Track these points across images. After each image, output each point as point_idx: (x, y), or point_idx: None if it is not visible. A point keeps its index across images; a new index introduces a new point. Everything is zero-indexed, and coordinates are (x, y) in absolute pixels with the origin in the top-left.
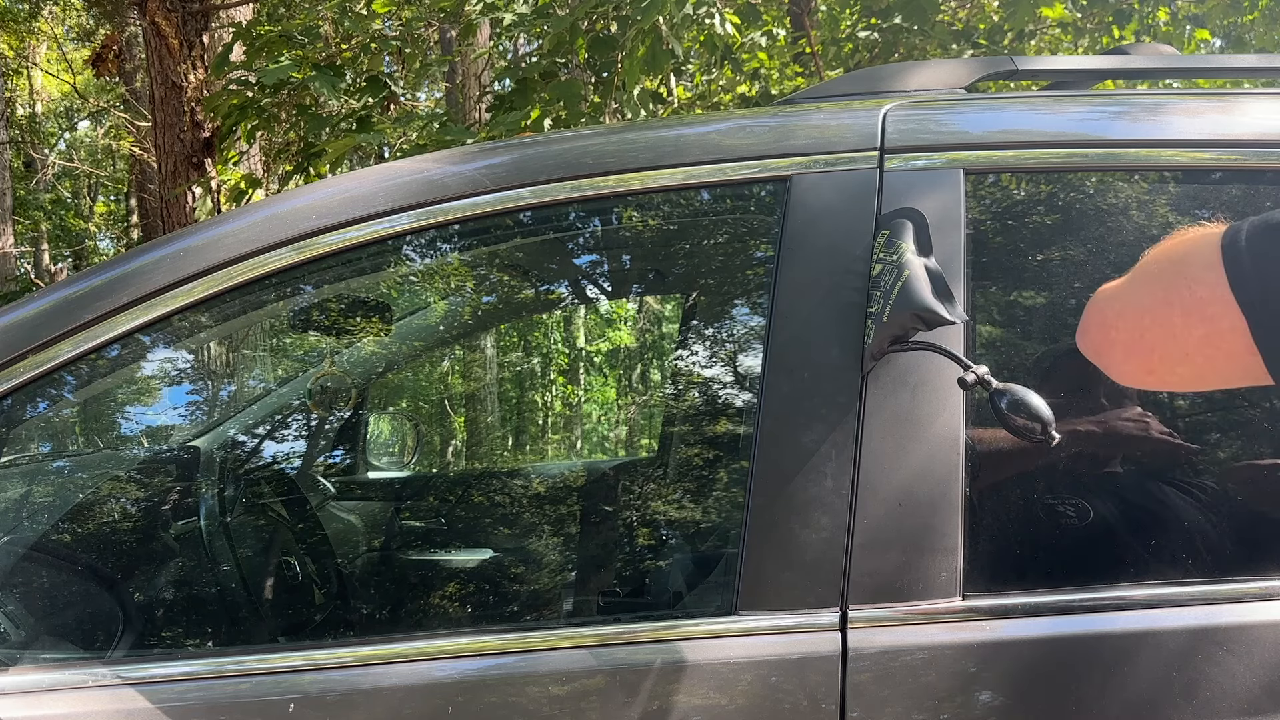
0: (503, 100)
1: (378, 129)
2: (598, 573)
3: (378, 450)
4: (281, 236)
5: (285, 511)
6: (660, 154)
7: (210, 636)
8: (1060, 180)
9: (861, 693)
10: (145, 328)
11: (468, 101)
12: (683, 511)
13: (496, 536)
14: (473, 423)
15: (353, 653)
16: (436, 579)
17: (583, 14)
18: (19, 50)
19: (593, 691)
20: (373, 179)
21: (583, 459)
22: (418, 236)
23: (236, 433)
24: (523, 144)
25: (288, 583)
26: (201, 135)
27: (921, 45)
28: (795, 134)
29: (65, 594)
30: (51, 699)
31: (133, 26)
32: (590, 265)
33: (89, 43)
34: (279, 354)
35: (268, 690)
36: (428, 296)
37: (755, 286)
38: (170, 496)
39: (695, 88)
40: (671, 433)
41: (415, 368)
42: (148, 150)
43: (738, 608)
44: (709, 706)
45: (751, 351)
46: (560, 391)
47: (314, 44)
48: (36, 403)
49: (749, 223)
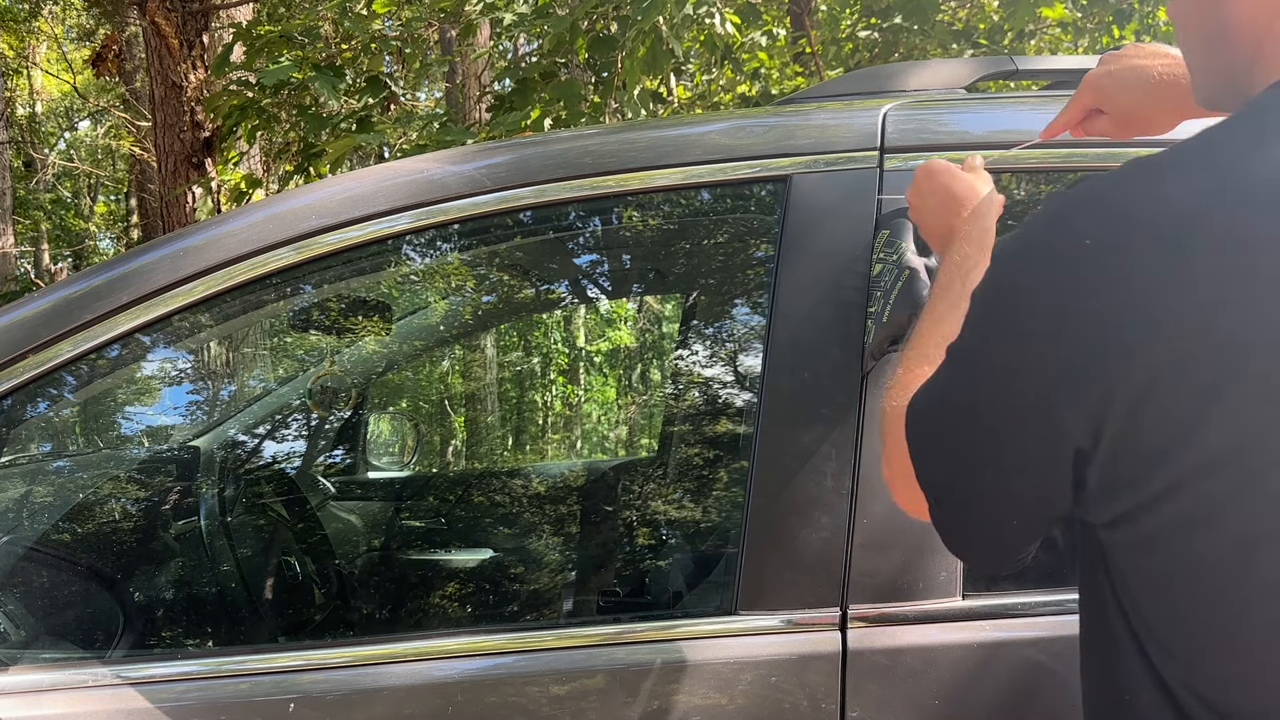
0: (503, 100)
1: (378, 129)
2: (598, 572)
3: (377, 450)
4: (281, 236)
5: (285, 511)
6: (660, 154)
7: (210, 636)
8: (1060, 180)
9: (861, 693)
10: (145, 328)
11: (468, 101)
12: (683, 511)
13: (496, 536)
14: (473, 423)
15: (353, 653)
16: (436, 579)
17: (583, 14)
18: (19, 50)
19: (593, 691)
20: (373, 179)
21: (583, 459)
22: (417, 236)
23: (236, 433)
24: (522, 144)
25: (288, 583)
26: (201, 135)
27: (921, 45)
28: (795, 134)
29: (65, 594)
30: (51, 699)
31: (133, 26)
32: (590, 265)
33: (89, 42)
34: (279, 354)
35: (267, 690)
36: (427, 296)
37: (755, 286)
38: (170, 496)
39: (695, 88)
40: (671, 433)
41: (415, 368)
42: (148, 150)
43: (738, 607)
44: (709, 706)
45: (751, 351)
46: (560, 391)
47: (314, 44)
48: (36, 402)
49: (749, 223)
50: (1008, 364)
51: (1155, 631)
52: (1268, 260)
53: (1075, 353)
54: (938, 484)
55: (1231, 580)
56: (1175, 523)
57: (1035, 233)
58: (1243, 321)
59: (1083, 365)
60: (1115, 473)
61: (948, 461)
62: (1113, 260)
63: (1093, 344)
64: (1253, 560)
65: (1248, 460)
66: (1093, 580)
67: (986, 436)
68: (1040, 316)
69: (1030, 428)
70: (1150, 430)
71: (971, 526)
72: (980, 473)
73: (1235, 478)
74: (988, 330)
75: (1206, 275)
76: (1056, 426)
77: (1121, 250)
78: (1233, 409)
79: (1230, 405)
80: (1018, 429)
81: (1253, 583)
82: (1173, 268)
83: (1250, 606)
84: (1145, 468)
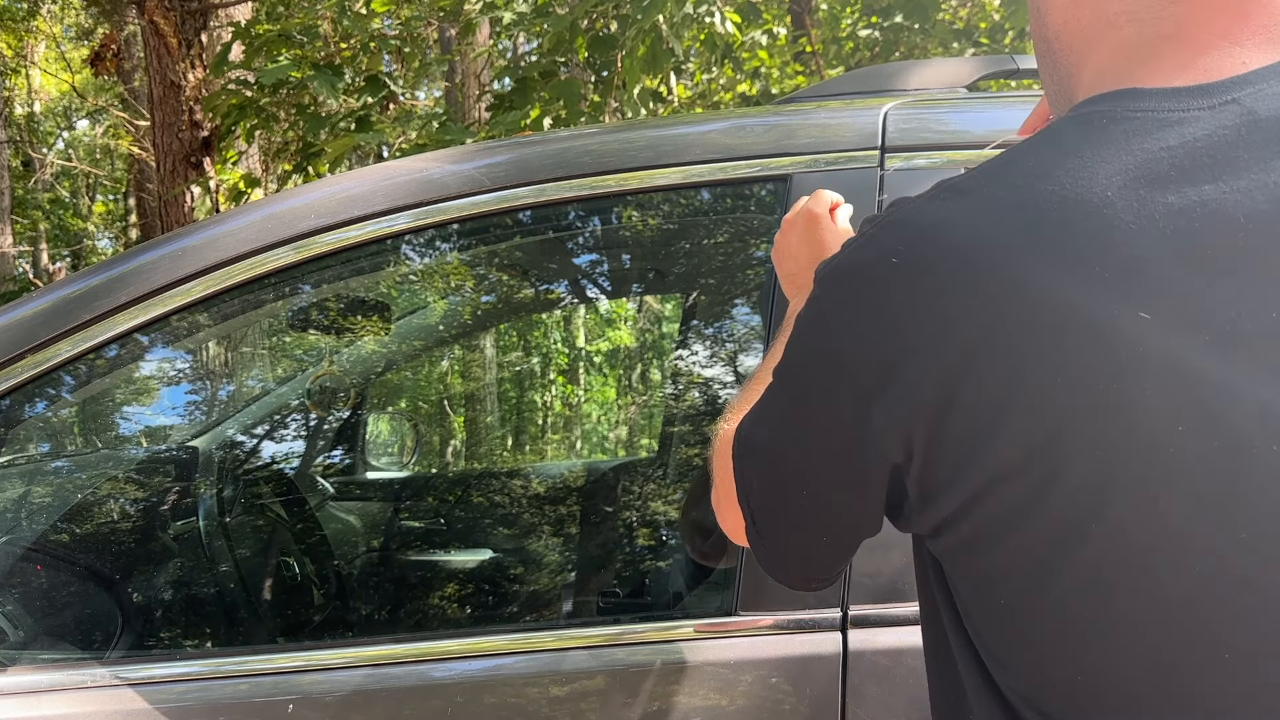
0: (502, 99)
1: (377, 128)
2: (598, 573)
3: (377, 450)
4: (280, 236)
5: (284, 512)
6: (660, 153)
7: (209, 637)
8: None
9: (862, 694)
10: (144, 327)
11: (467, 101)
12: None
13: (496, 537)
14: (472, 423)
15: (352, 653)
16: (436, 580)
17: (583, 13)
18: (17, 49)
19: (593, 692)
20: (372, 178)
21: (582, 459)
22: (416, 236)
23: (235, 433)
24: (522, 143)
25: (287, 583)
26: (200, 135)
27: (922, 44)
28: (796, 133)
29: (64, 594)
30: (50, 699)
31: (131, 25)
32: (590, 265)
33: (87, 42)
34: (278, 354)
35: (267, 691)
36: (427, 296)
37: (755, 286)
38: (169, 497)
39: (695, 87)
40: (671, 433)
41: (415, 368)
42: (146, 149)
43: (738, 608)
44: (709, 707)
45: (751, 351)
46: (560, 391)
47: (313, 43)
48: (35, 402)
49: (749, 222)
50: (820, 382)
51: (983, 636)
52: (1037, 288)
53: (882, 370)
54: (753, 503)
55: (1039, 581)
56: (986, 528)
57: (847, 253)
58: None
59: (888, 382)
60: (930, 482)
61: (763, 481)
62: (915, 279)
63: (897, 361)
64: (1061, 561)
65: (1040, 466)
66: (927, 590)
67: (800, 455)
68: (847, 334)
69: (843, 445)
70: (954, 440)
71: (783, 546)
72: (793, 492)
73: (1029, 484)
74: (802, 349)
75: (990, 298)
76: (869, 443)
77: (922, 270)
78: (1019, 420)
79: (1017, 416)
80: (830, 446)
81: (1060, 584)
82: (963, 288)
83: (1063, 608)
84: (955, 474)
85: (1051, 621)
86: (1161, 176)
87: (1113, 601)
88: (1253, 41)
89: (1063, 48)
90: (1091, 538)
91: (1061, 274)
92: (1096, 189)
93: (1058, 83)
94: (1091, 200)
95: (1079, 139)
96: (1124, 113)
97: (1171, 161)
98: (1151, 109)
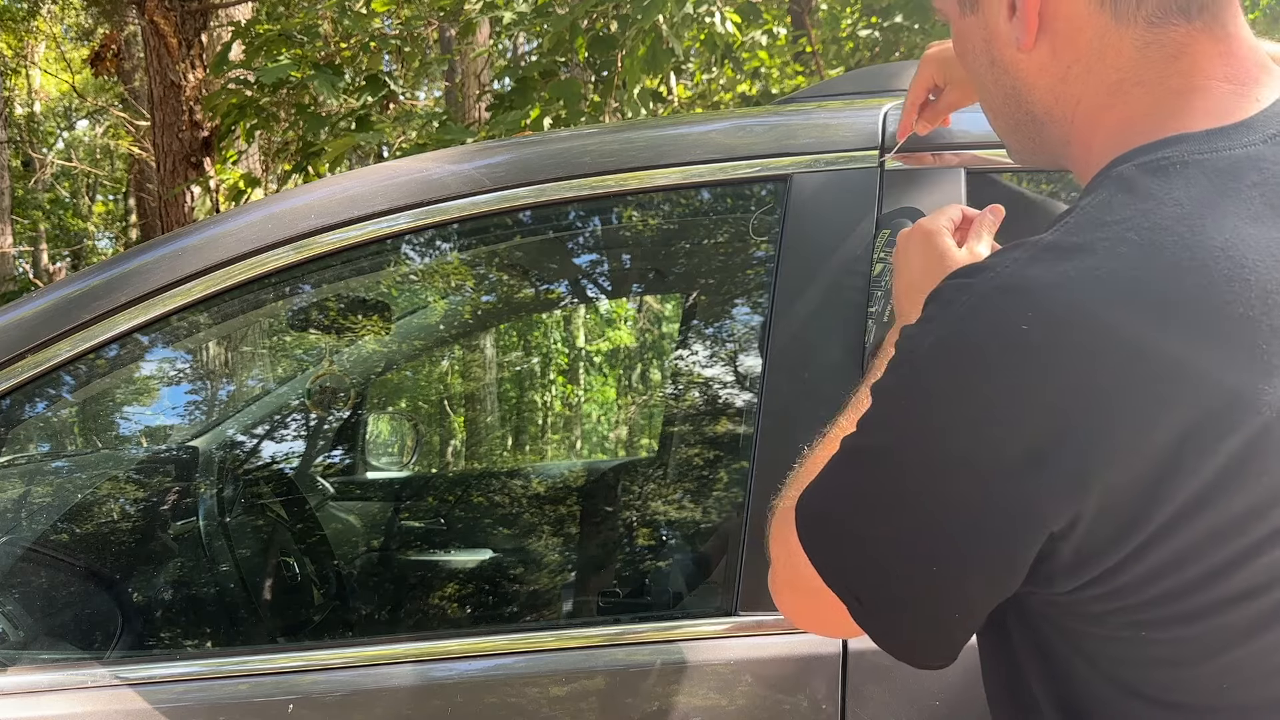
0: (502, 99)
1: (377, 128)
2: (598, 573)
3: (377, 450)
4: (280, 236)
5: (284, 512)
6: (660, 153)
7: (209, 637)
8: (1060, 179)
9: (862, 694)
10: (144, 327)
11: (467, 100)
12: (683, 512)
13: (496, 537)
14: (472, 423)
15: (352, 653)
16: (436, 580)
17: (583, 13)
18: (17, 49)
19: (592, 693)
20: (372, 178)
21: (582, 459)
22: (417, 236)
23: (235, 433)
24: (522, 143)
25: (287, 583)
26: (200, 134)
27: (922, 44)
28: (796, 133)
29: (64, 594)
30: (50, 699)
31: (131, 25)
32: (590, 265)
33: (87, 42)
34: (278, 354)
35: (267, 691)
36: (427, 296)
37: (755, 286)
38: (169, 497)
39: (695, 87)
40: (671, 433)
41: (415, 368)
42: (146, 150)
43: (738, 608)
44: (709, 707)
45: (751, 351)
46: (560, 391)
47: (313, 43)
48: (35, 402)
49: (749, 222)
50: (946, 458)
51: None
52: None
53: (1035, 447)
54: (853, 584)
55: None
56: (1145, 576)
57: (963, 326)
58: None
59: (1046, 458)
60: (1092, 542)
61: (862, 559)
62: (1053, 349)
63: (1060, 431)
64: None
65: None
66: (1005, 639)
67: (923, 533)
68: (993, 408)
69: (986, 520)
70: (1121, 504)
71: (907, 623)
72: (913, 569)
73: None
74: (910, 426)
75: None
76: (1025, 515)
77: (1058, 338)
78: (1185, 481)
79: (1184, 479)
80: (968, 521)
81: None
82: (1109, 352)
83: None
84: (1121, 533)
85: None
86: (1260, 215)
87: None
88: (1254, 80)
89: (1058, 120)
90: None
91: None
92: (1215, 235)
93: (1041, 141)
94: (1215, 244)
95: (1165, 186)
96: (1189, 156)
97: (1265, 200)
98: (1213, 148)
